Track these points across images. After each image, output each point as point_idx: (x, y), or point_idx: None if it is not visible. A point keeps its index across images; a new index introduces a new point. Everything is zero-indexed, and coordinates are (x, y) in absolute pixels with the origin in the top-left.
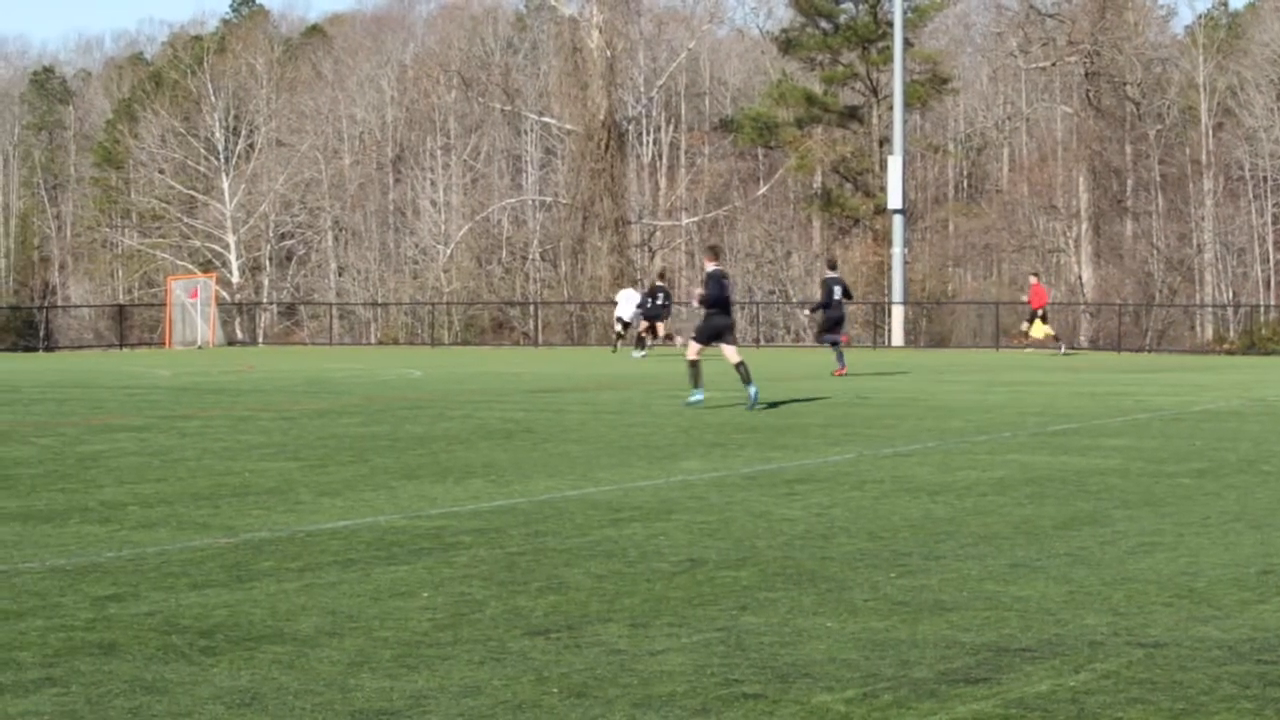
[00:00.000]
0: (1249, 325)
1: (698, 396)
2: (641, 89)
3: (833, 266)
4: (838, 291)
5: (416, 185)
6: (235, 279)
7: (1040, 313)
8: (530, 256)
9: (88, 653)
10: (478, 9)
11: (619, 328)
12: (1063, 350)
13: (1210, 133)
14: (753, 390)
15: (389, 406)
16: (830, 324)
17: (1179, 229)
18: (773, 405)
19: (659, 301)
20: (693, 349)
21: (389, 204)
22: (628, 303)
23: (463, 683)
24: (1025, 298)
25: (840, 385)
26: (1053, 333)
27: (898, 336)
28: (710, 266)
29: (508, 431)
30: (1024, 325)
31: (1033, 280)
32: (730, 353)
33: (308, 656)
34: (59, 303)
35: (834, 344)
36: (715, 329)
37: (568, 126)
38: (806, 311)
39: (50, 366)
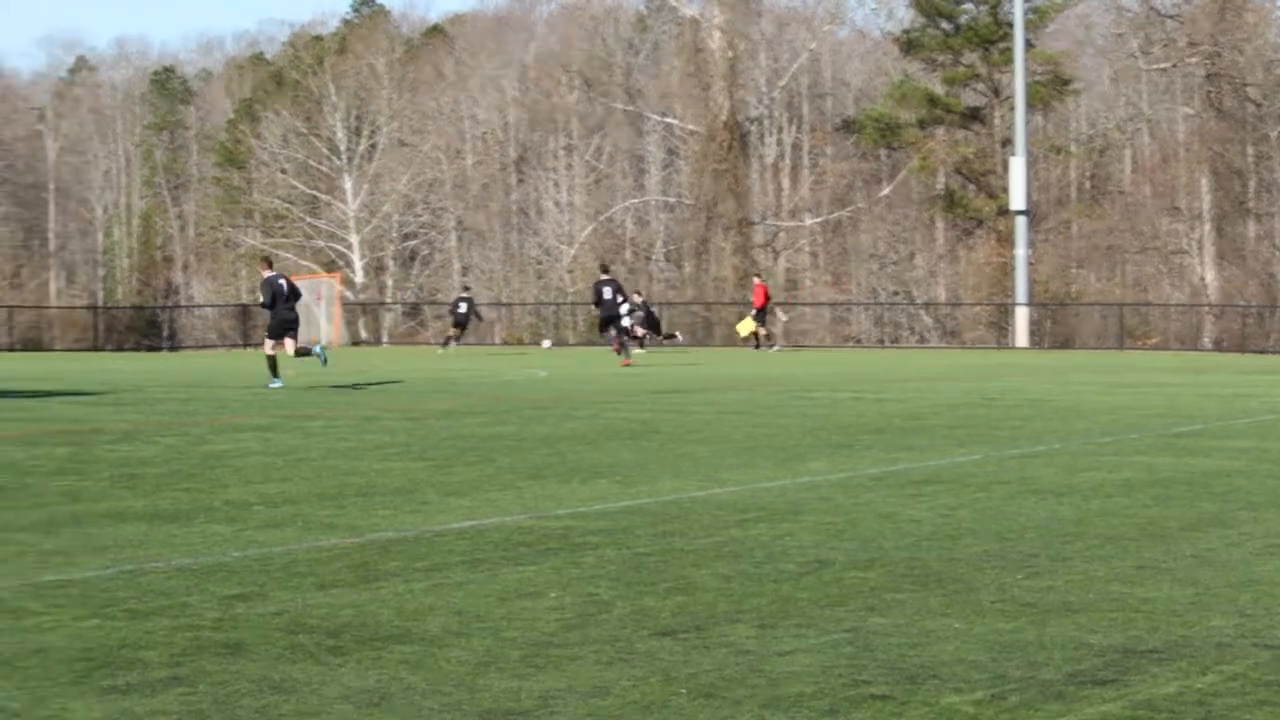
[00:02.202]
0: None
1: (277, 383)
2: (763, 89)
3: (605, 270)
4: (607, 292)
5: (540, 185)
6: (359, 279)
7: (757, 311)
8: (654, 257)
9: (214, 652)
10: (598, 9)
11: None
12: (775, 349)
13: None
14: (318, 348)
15: (514, 407)
16: (604, 323)
17: None
18: (354, 387)
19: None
20: (268, 345)
21: (512, 204)
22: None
23: (590, 683)
24: (762, 297)
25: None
26: (760, 330)
27: (1022, 338)
28: (266, 274)
29: (633, 432)
30: (745, 323)
31: (756, 281)
32: (289, 345)
33: (435, 656)
34: (182, 302)
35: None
36: (283, 324)
37: (690, 127)
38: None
39: (174, 366)
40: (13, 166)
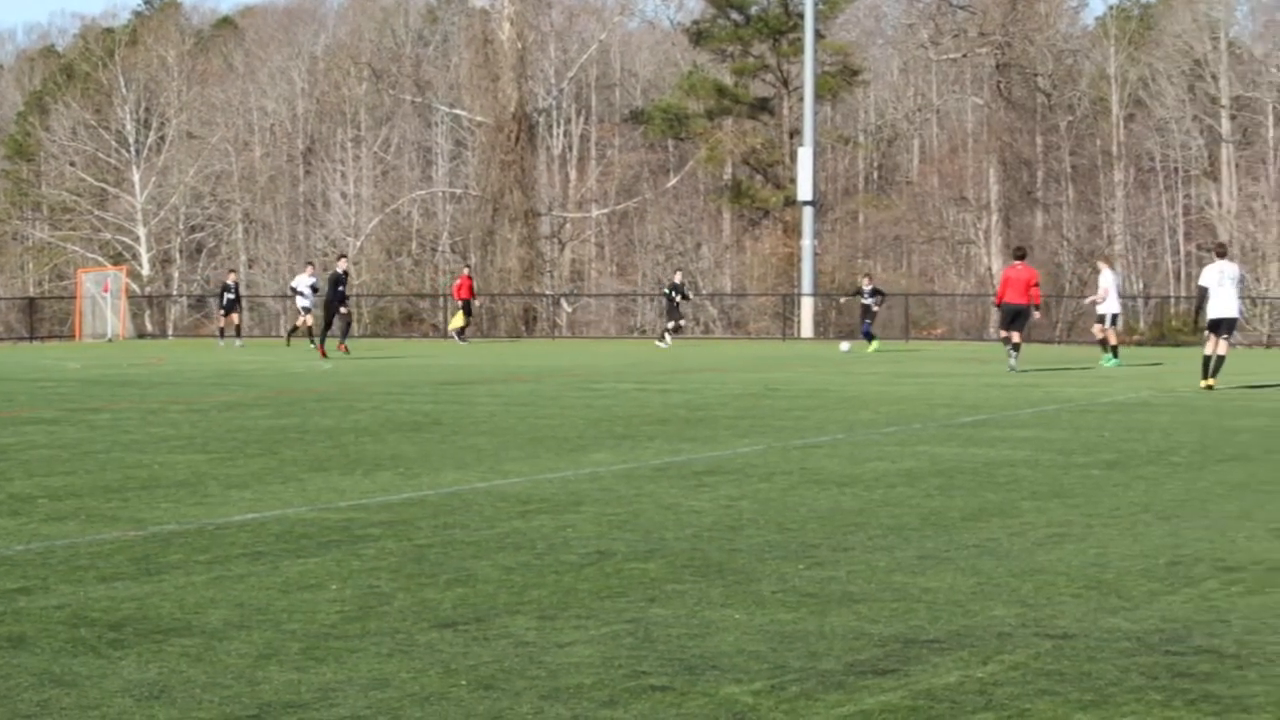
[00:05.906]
0: (1159, 316)
1: None
2: (552, 81)
3: None
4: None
5: (327, 177)
6: (145, 271)
7: (463, 303)
8: (440, 249)
9: None
10: (389, 1)
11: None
12: (464, 341)
13: (1121, 124)
14: None
15: (298, 399)
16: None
17: (1089, 220)
18: None
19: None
20: None
21: (299, 196)
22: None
23: (370, 675)
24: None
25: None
26: (462, 325)
27: (807, 328)
28: None
29: (416, 424)
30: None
31: (464, 273)
32: None
33: (215, 649)
34: None
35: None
36: None
37: (478, 118)
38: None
39: None
40: None
